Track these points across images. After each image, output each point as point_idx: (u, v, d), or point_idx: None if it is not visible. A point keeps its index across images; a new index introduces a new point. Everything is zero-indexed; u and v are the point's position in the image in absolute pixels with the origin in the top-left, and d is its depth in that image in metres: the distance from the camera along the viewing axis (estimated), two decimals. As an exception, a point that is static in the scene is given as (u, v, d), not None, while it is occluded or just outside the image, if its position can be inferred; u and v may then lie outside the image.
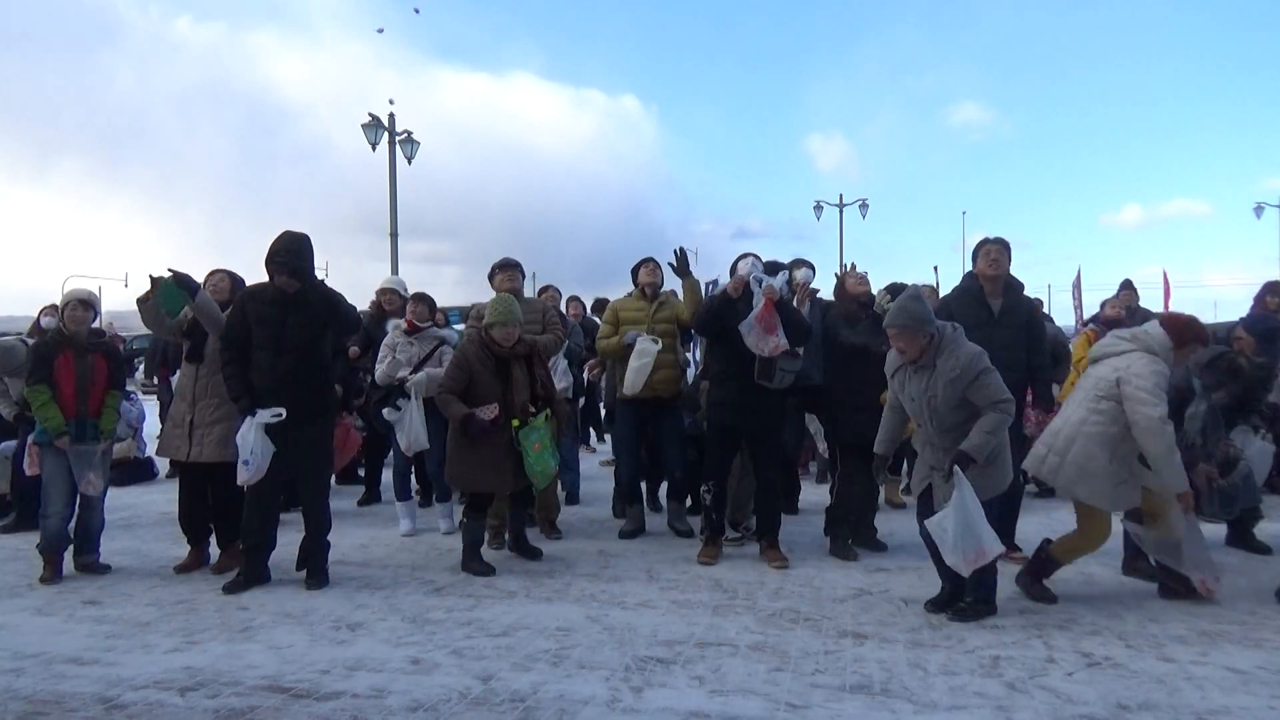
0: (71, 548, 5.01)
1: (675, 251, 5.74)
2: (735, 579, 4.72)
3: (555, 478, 5.67)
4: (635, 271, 6.02)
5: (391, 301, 6.86)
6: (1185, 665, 3.45)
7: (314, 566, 4.70)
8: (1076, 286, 12.60)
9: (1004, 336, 4.89)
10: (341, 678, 3.38)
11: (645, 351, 5.57)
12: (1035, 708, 3.06)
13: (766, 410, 5.11)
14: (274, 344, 4.59)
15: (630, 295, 6.07)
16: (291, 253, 4.57)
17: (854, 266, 5.95)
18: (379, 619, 4.11)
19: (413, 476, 6.38)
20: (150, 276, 4.78)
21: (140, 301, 4.96)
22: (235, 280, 5.41)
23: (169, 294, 4.79)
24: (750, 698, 3.16)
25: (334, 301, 4.73)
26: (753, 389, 5.00)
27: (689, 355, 6.80)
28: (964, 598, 4.11)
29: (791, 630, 3.90)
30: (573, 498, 6.99)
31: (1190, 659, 3.52)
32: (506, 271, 5.93)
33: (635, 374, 5.56)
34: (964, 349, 4.07)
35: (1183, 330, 4.18)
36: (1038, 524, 5.86)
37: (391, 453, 6.34)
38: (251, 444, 4.49)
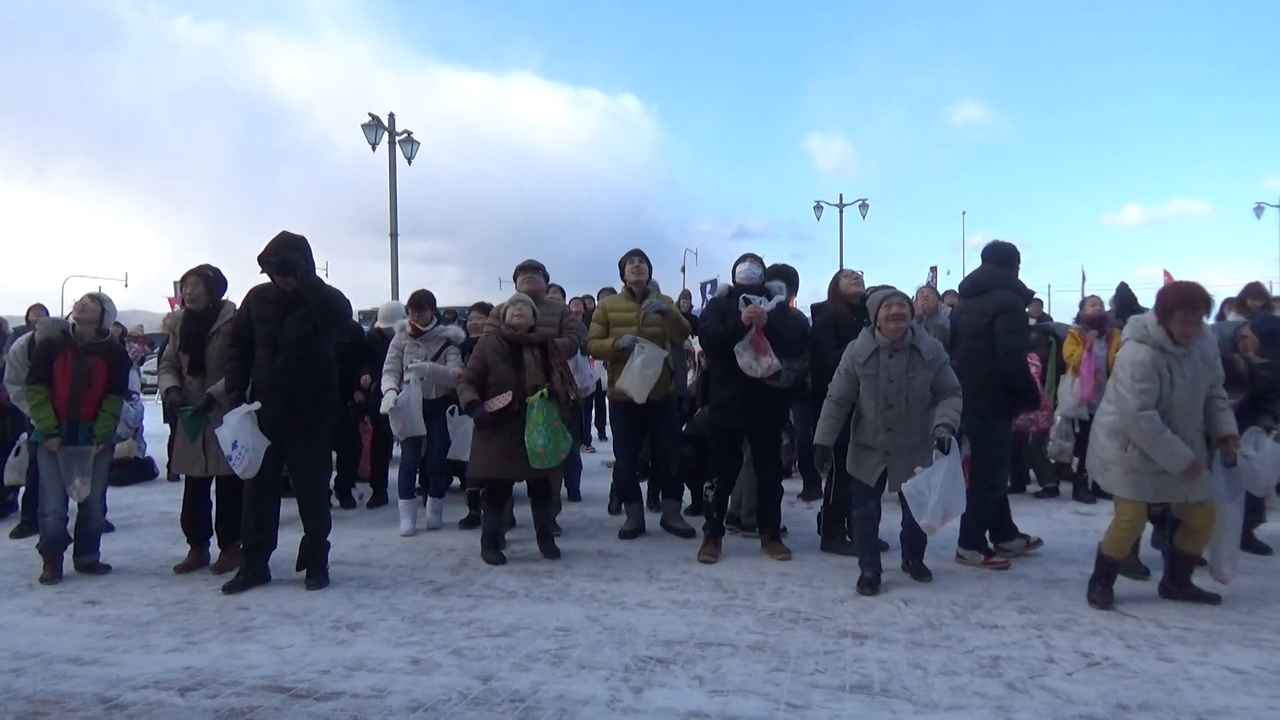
0: (71, 547, 5.01)
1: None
2: (735, 579, 4.72)
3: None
4: (622, 267, 5.98)
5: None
6: (1185, 665, 3.45)
7: (314, 567, 4.70)
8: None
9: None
10: (341, 678, 3.38)
11: (653, 360, 5.56)
12: (1035, 708, 3.06)
13: (768, 409, 5.23)
14: (271, 342, 4.60)
15: (619, 293, 6.04)
16: (279, 250, 4.55)
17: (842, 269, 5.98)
18: (379, 619, 4.11)
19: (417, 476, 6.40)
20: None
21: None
22: (211, 281, 5.12)
23: (191, 423, 4.87)
24: (750, 698, 3.16)
25: (328, 295, 4.69)
26: (755, 390, 5.10)
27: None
28: (909, 562, 4.74)
29: (791, 630, 3.90)
30: (574, 494, 7.01)
31: (1190, 659, 3.52)
32: (526, 274, 5.97)
33: (643, 381, 5.54)
34: (933, 339, 4.63)
35: (1160, 299, 4.07)
36: (1037, 524, 5.87)
37: (403, 452, 6.36)
38: (232, 435, 4.45)
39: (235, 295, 5.14)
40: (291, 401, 4.58)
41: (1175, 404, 4.01)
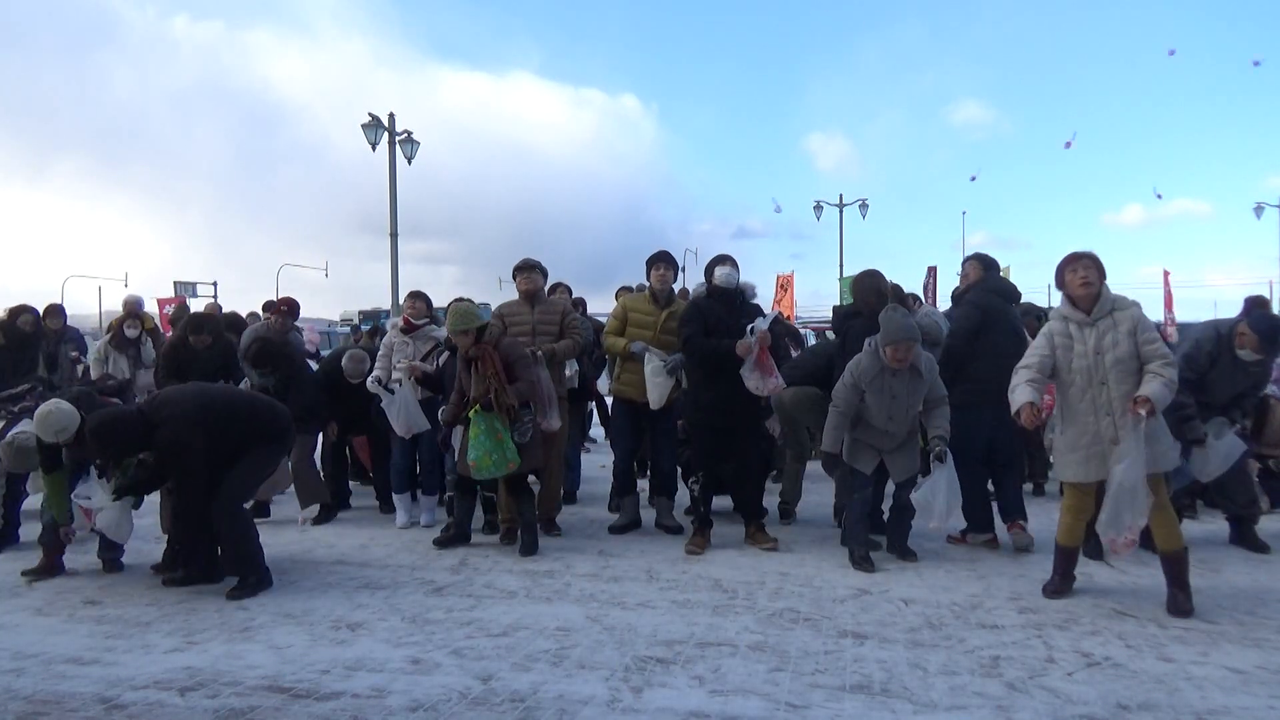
0: (98, 542, 5.05)
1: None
2: (735, 579, 4.72)
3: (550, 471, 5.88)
4: (649, 270, 5.92)
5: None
6: (1185, 665, 3.45)
7: (240, 572, 4.60)
8: None
9: None
10: (341, 678, 3.38)
11: (661, 368, 5.58)
12: (1035, 708, 3.06)
13: (748, 408, 5.37)
14: None
15: (642, 293, 6.02)
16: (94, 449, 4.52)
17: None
18: (379, 619, 4.11)
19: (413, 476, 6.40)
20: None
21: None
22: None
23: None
24: (750, 698, 3.16)
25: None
26: (736, 391, 5.22)
27: None
28: (895, 544, 5.13)
29: (791, 630, 3.90)
30: (570, 498, 6.98)
31: (1190, 659, 3.52)
32: (524, 273, 5.92)
33: (656, 389, 5.59)
34: (926, 354, 5.02)
35: (1056, 273, 4.36)
36: (1036, 523, 5.86)
37: (394, 450, 6.35)
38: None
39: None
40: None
41: (1079, 371, 4.14)
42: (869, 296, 5.43)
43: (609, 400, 7.03)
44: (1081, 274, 4.17)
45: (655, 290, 5.89)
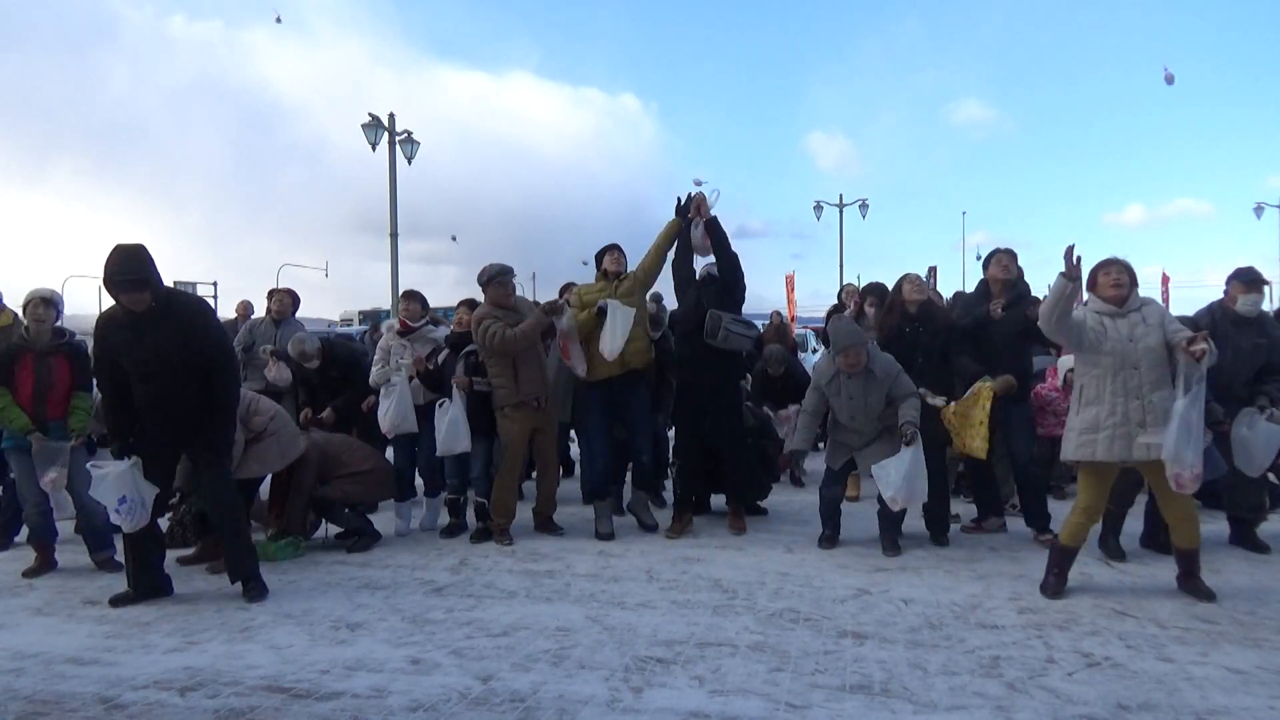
0: (86, 546, 5.08)
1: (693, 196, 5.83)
2: (735, 579, 4.72)
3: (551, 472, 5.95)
4: (600, 258, 5.98)
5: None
6: (1185, 665, 3.45)
7: (245, 578, 4.48)
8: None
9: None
10: (341, 678, 3.38)
11: (624, 316, 5.54)
12: (1035, 708, 3.06)
13: (721, 369, 5.56)
14: (141, 370, 4.25)
15: (594, 281, 6.02)
16: (127, 267, 4.11)
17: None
18: (379, 619, 4.11)
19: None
20: None
21: None
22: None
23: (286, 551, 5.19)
24: (750, 698, 3.16)
25: (194, 311, 4.37)
26: (709, 350, 5.43)
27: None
28: (883, 540, 5.24)
29: (791, 630, 3.90)
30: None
31: (1190, 659, 3.51)
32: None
33: (615, 340, 5.53)
34: (885, 357, 5.25)
35: (1089, 276, 4.50)
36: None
37: (393, 455, 6.32)
38: (116, 490, 4.22)
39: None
40: (180, 427, 4.36)
41: (1111, 353, 4.21)
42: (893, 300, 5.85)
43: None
44: (1114, 276, 4.35)
45: (608, 270, 5.91)
